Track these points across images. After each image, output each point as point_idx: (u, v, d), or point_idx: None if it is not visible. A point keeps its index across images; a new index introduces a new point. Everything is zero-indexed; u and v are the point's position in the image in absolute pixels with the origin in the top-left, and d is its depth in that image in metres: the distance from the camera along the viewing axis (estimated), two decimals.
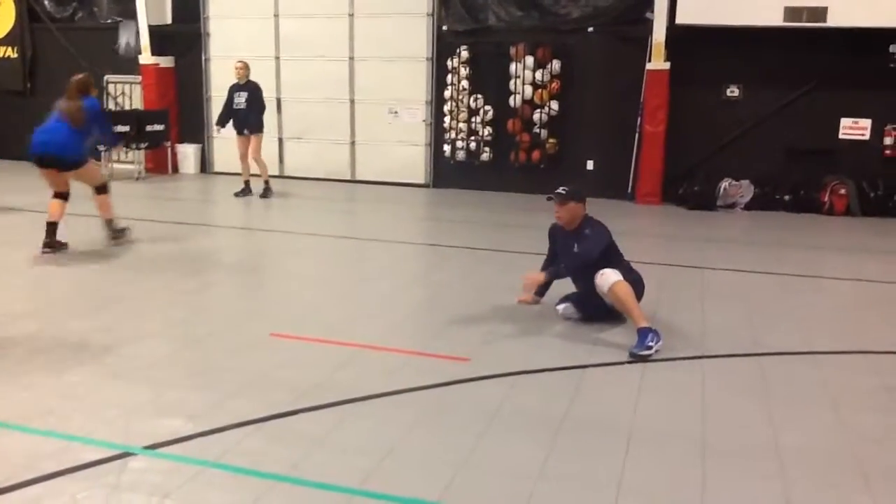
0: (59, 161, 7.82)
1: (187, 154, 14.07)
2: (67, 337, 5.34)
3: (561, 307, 5.95)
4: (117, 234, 8.28)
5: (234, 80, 11.42)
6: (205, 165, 14.29)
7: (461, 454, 3.77)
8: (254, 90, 11.37)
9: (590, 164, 12.21)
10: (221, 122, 11.52)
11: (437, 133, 12.87)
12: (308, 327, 5.68)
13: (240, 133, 11.43)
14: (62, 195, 7.94)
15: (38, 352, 5.05)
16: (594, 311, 5.82)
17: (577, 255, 5.69)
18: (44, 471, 3.50)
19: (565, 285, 6.05)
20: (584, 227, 5.76)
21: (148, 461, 3.67)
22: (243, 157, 11.56)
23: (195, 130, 14.15)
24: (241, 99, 11.32)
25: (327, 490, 3.43)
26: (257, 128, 11.39)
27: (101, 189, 8.23)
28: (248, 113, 11.30)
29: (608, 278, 5.45)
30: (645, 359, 5.11)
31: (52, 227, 7.81)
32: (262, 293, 6.95)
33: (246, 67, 11.40)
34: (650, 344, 5.15)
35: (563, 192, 5.77)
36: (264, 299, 6.70)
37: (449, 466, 3.65)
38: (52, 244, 7.81)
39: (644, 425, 4.15)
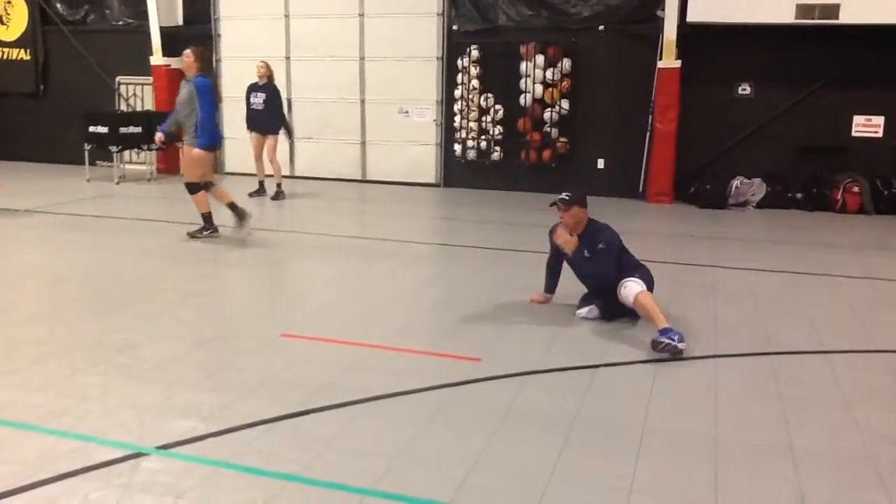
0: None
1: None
2: (80, 338, 5.37)
3: (584, 310, 5.93)
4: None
5: (253, 80, 11.45)
6: (216, 166, 14.28)
7: (473, 454, 3.77)
8: (273, 92, 11.42)
9: (601, 163, 12.18)
10: (250, 126, 11.58)
11: (448, 132, 12.86)
12: (319, 328, 5.69)
13: (255, 132, 11.47)
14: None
15: (52, 353, 5.08)
16: (616, 311, 5.80)
17: (590, 265, 5.73)
18: (58, 471, 3.53)
19: (580, 286, 6.07)
20: (591, 233, 5.79)
21: (160, 461, 3.69)
22: (258, 158, 11.61)
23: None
24: (258, 99, 11.37)
25: (339, 490, 3.44)
26: (274, 129, 11.43)
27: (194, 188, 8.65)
28: (265, 114, 11.35)
29: (631, 290, 5.52)
30: (666, 348, 5.10)
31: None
32: (273, 294, 6.96)
33: (267, 68, 11.42)
34: (673, 336, 5.12)
35: (567, 197, 5.78)
36: (275, 300, 6.72)
37: (461, 466, 3.65)
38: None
39: (656, 425, 4.14)
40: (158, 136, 8.84)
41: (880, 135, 11.25)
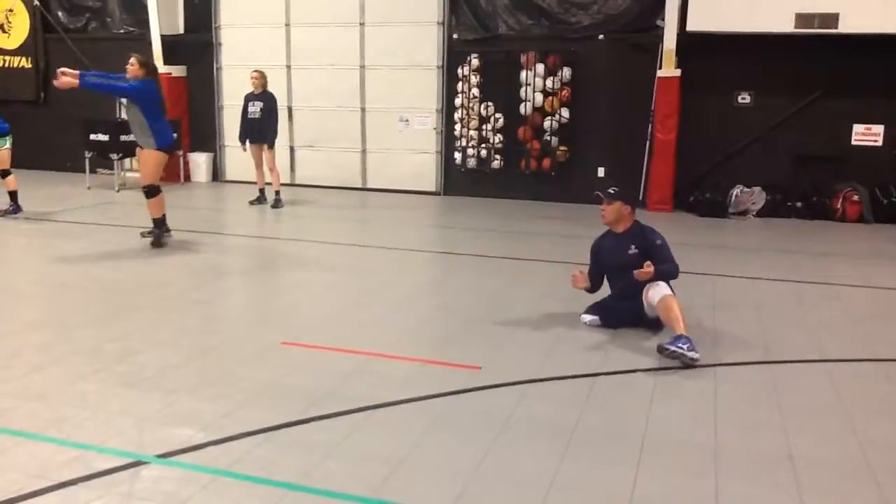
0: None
1: (199, 163, 14.13)
2: (80, 346, 5.37)
3: (588, 318, 5.95)
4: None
5: (249, 90, 11.45)
6: (216, 174, 14.34)
7: (473, 463, 3.77)
8: (269, 100, 11.39)
9: (601, 172, 12.19)
10: (242, 139, 11.53)
11: (448, 141, 12.88)
12: (319, 336, 5.69)
13: (253, 142, 11.45)
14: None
15: (52, 360, 5.07)
16: (619, 320, 5.84)
17: (639, 263, 5.63)
18: (57, 480, 3.52)
19: (597, 296, 6.10)
20: (638, 231, 5.89)
21: (160, 470, 3.68)
22: (258, 166, 11.60)
23: (207, 139, 14.21)
24: (255, 108, 11.33)
25: (339, 499, 3.44)
26: (272, 138, 11.41)
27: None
28: (263, 123, 11.32)
29: (661, 291, 5.52)
30: (672, 354, 5.11)
31: None
32: (274, 301, 6.96)
33: (262, 77, 11.40)
34: (681, 345, 5.12)
35: (612, 191, 5.94)
36: (275, 308, 6.71)
37: (461, 475, 3.65)
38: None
39: (656, 434, 4.14)
40: (65, 74, 8.43)
41: (880, 143, 11.27)
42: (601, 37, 11.94)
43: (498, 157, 12.55)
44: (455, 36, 12.60)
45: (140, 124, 8.42)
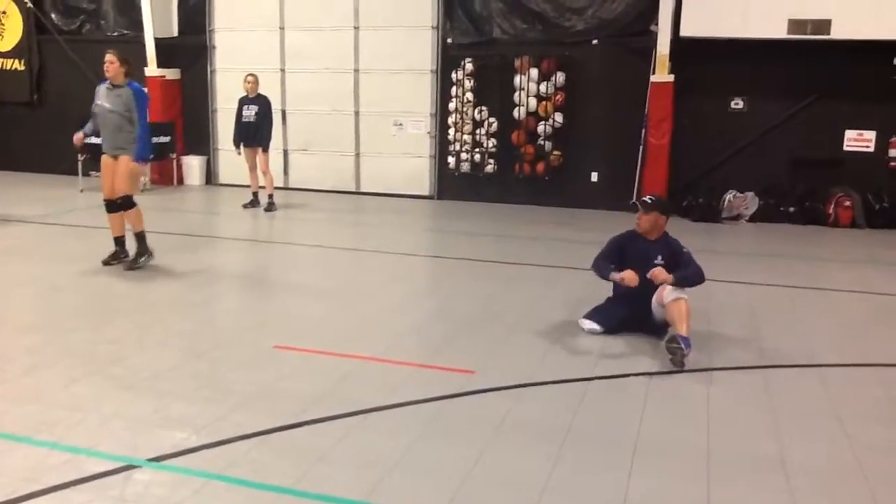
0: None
1: (193, 166, 14.10)
2: (73, 348, 5.35)
3: (588, 325, 5.93)
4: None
5: (243, 93, 11.44)
6: (210, 177, 14.32)
7: (466, 466, 3.77)
8: (264, 104, 11.39)
9: (594, 176, 12.22)
10: (237, 143, 11.52)
11: (442, 145, 12.89)
12: (312, 339, 5.68)
13: (247, 146, 11.44)
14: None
15: (45, 363, 5.05)
16: (620, 324, 5.85)
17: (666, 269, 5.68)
18: (48, 483, 3.51)
19: (592, 300, 6.11)
20: (667, 241, 5.89)
21: (152, 473, 3.67)
22: (252, 169, 11.57)
23: (201, 142, 14.18)
24: (249, 112, 11.32)
25: (333, 502, 3.43)
26: (267, 142, 11.40)
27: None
28: (257, 126, 11.31)
29: (675, 293, 5.53)
30: (677, 350, 5.14)
31: None
32: (267, 305, 6.95)
33: (256, 81, 11.41)
34: (686, 347, 5.16)
35: (650, 200, 5.93)
36: (269, 311, 6.70)
37: (454, 479, 3.65)
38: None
39: (649, 438, 4.15)
40: (79, 136, 8.22)
41: (872, 149, 11.32)
42: (595, 41, 11.96)
43: (492, 161, 12.56)
44: (449, 40, 12.61)
45: (126, 130, 7.72)
